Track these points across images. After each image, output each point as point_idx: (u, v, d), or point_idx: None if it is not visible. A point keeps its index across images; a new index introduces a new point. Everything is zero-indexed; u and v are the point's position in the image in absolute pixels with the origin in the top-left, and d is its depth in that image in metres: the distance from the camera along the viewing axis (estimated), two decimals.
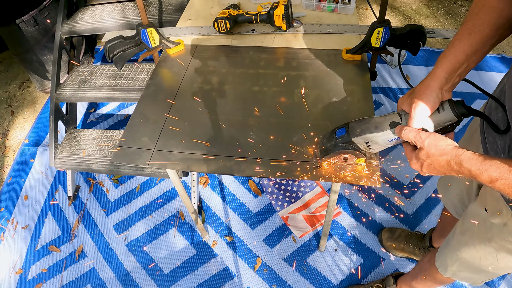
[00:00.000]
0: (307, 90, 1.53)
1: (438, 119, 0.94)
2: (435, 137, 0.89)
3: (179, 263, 2.22)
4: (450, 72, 0.93)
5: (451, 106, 0.92)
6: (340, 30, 1.77)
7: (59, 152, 2.31)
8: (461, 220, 1.26)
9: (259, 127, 1.42)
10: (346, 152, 1.12)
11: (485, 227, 1.10)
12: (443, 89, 0.94)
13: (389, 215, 2.28)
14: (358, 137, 1.06)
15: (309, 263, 2.14)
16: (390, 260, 2.11)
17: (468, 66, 0.94)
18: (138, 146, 1.40)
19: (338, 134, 1.12)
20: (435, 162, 0.88)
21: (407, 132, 0.93)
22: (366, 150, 1.10)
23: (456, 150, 0.84)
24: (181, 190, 1.76)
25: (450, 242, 1.31)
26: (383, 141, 1.04)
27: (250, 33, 1.82)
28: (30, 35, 2.79)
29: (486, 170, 0.77)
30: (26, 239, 2.43)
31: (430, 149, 0.88)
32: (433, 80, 0.94)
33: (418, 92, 0.95)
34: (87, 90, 2.31)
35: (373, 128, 1.03)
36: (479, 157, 0.79)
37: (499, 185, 0.76)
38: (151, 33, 1.71)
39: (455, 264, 1.31)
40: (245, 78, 1.62)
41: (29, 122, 3.12)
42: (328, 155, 1.16)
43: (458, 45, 0.93)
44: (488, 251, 1.13)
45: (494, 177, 0.76)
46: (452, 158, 0.84)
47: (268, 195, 2.40)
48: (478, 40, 0.92)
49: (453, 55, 0.93)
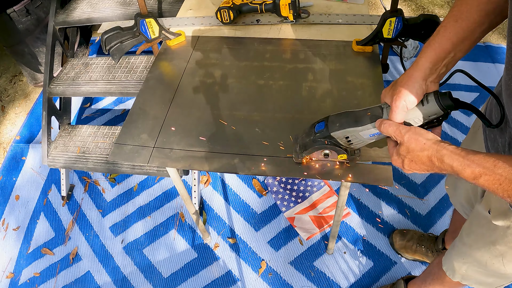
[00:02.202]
0: (315, 83, 1.53)
1: (421, 112, 0.92)
2: (415, 131, 0.87)
3: (179, 267, 2.22)
4: (434, 61, 0.92)
5: (436, 98, 0.90)
6: (350, 20, 1.77)
7: (52, 150, 2.32)
8: (467, 222, 1.26)
9: (265, 123, 1.42)
10: (326, 147, 1.11)
11: (489, 229, 1.09)
12: (428, 80, 0.93)
13: (400, 216, 2.28)
14: (337, 131, 1.05)
15: (316, 266, 2.14)
16: (402, 264, 2.11)
17: (456, 56, 0.92)
18: (137, 143, 1.41)
19: (317, 129, 1.11)
20: (415, 158, 0.87)
21: (387, 126, 0.92)
22: (347, 145, 1.09)
23: (437, 144, 0.82)
24: (181, 189, 1.76)
25: (456, 245, 1.31)
26: (364, 136, 1.03)
27: (255, 23, 1.83)
28: (22, 25, 2.79)
29: (469, 166, 0.75)
30: (17, 241, 2.44)
31: (410, 144, 0.87)
32: (416, 70, 0.93)
33: (400, 83, 0.93)
34: (82, 83, 2.32)
35: (353, 122, 1.02)
36: (462, 151, 0.78)
37: (483, 181, 0.74)
38: (150, 24, 1.71)
39: (463, 268, 1.30)
40: (249, 71, 1.63)
41: (20, 118, 3.13)
42: (306, 151, 1.16)
43: (444, 33, 0.91)
44: (494, 254, 1.12)
45: (477, 172, 0.74)
46: (433, 153, 0.82)
47: (273, 194, 2.41)
48: (465, 27, 0.89)
49: (438, 44, 0.92)
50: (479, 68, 2.96)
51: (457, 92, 2.80)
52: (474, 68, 2.96)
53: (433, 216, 2.26)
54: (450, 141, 2.52)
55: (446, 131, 2.61)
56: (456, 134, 2.60)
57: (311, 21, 1.80)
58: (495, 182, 0.72)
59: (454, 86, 2.80)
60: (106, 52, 1.75)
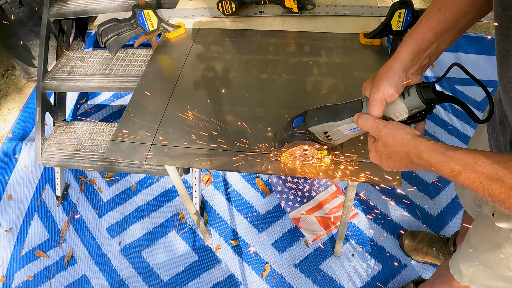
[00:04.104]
0: (321, 78, 1.54)
1: (402, 106, 0.91)
2: (393, 125, 0.86)
3: (179, 270, 2.23)
4: (415, 52, 0.90)
5: (418, 91, 0.89)
6: (357, 12, 1.78)
7: (46, 147, 2.33)
8: (474, 223, 1.25)
9: (268, 119, 1.43)
10: (304, 143, 1.11)
11: (494, 231, 1.09)
12: (409, 72, 0.92)
13: (411, 217, 2.28)
14: (315, 126, 1.05)
15: (323, 269, 2.15)
16: (412, 266, 2.12)
17: (439, 47, 0.91)
18: (134, 140, 1.42)
19: (295, 123, 1.11)
20: (393, 154, 0.86)
21: (364, 121, 0.92)
22: (326, 141, 1.09)
23: (415, 140, 0.81)
24: (181, 189, 1.77)
25: (463, 247, 1.31)
26: (343, 131, 1.02)
27: (258, 15, 1.83)
28: (15, 17, 2.80)
29: (448, 163, 0.74)
30: (10, 243, 2.46)
31: (388, 139, 0.86)
32: (395, 61, 0.91)
33: (379, 75, 0.92)
34: (77, 78, 2.33)
35: (332, 117, 1.02)
36: (441, 147, 0.76)
37: (463, 179, 0.72)
38: (149, 15, 1.71)
39: (470, 271, 1.30)
40: (252, 65, 1.64)
41: (13, 114, 3.15)
42: (284, 147, 1.16)
43: (426, 22, 0.90)
44: (499, 258, 1.12)
45: (457, 170, 0.72)
46: (411, 149, 0.81)
47: (278, 194, 2.42)
48: (449, 16, 0.88)
49: (420, 34, 0.90)
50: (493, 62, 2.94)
51: (469, 87, 2.80)
52: (487, 62, 2.96)
53: (445, 217, 2.27)
54: (460, 138, 2.52)
55: (456, 127, 2.61)
56: (467, 130, 2.60)
57: (316, 13, 1.80)
58: (475, 180, 0.70)
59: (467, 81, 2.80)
60: (102, 45, 1.75)
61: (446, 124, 2.64)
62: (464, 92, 2.78)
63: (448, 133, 2.60)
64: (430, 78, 2.89)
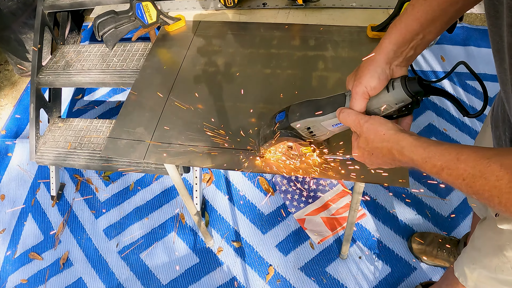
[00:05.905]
0: (327, 72, 1.54)
1: (386, 99, 0.90)
2: (374, 120, 0.86)
3: (179, 273, 2.24)
4: (399, 44, 0.89)
5: (403, 83, 0.88)
6: (364, 4, 1.78)
7: (41, 145, 2.33)
8: (478, 224, 1.26)
9: (272, 115, 1.42)
10: (287, 139, 1.11)
11: (496, 232, 1.09)
12: (393, 64, 0.91)
13: (420, 217, 2.28)
14: (297, 121, 1.05)
15: (329, 272, 2.15)
16: (422, 269, 2.12)
17: (425, 37, 0.89)
18: (132, 138, 1.43)
19: (277, 119, 1.11)
20: (375, 150, 0.85)
21: (345, 115, 0.91)
22: (309, 137, 1.09)
23: (398, 135, 0.80)
24: (181, 188, 1.78)
25: (467, 249, 1.31)
26: (327, 126, 1.02)
27: (261, 7, 1.83)
28: (8, 10, 2.81)
29: (430, 159, 0.73)
30: (3, 245, 2.47)
31: (369, 135, 0.86)
32: (378, 53, 0.90)
33: (361, 68, 0.91)
34: (73, 73, 2.33)
35: (314, 111, 1.01)
36: (424, 143, 0.75)
37: (446, 176, 0.71)
38: (147, 7, 1.72)
39: (474, 274, 1.30)
40: (255, 59, 1.64)
41: (6, 111, 3.16)
42: (267, 144, 1.16)
43: (411, 12, 0.88)
44: (502, 260, 1.12)
45: (439, 166, 0.71)
46: (393, 145, 0.81)
47: (282, 194, 2.42)
48: (436, 6, 0.85)
49: (404, 24, 0.88)
50: None
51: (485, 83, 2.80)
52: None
53: (456, 218, 2.27)
54: (472, 135, 2.52)
55: (466, 123, 2.61)
56: (478, 128, 2.58)
57: (322, 5, 1.80)
58: (458, 177, 0.68)
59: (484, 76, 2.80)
60: (99, 39, 1.76)
61: (456, 121, 2.63)
62: (476, 87, 2.77)
63: (459, 130, 2.59)
64: (439, 73, 2.88)
